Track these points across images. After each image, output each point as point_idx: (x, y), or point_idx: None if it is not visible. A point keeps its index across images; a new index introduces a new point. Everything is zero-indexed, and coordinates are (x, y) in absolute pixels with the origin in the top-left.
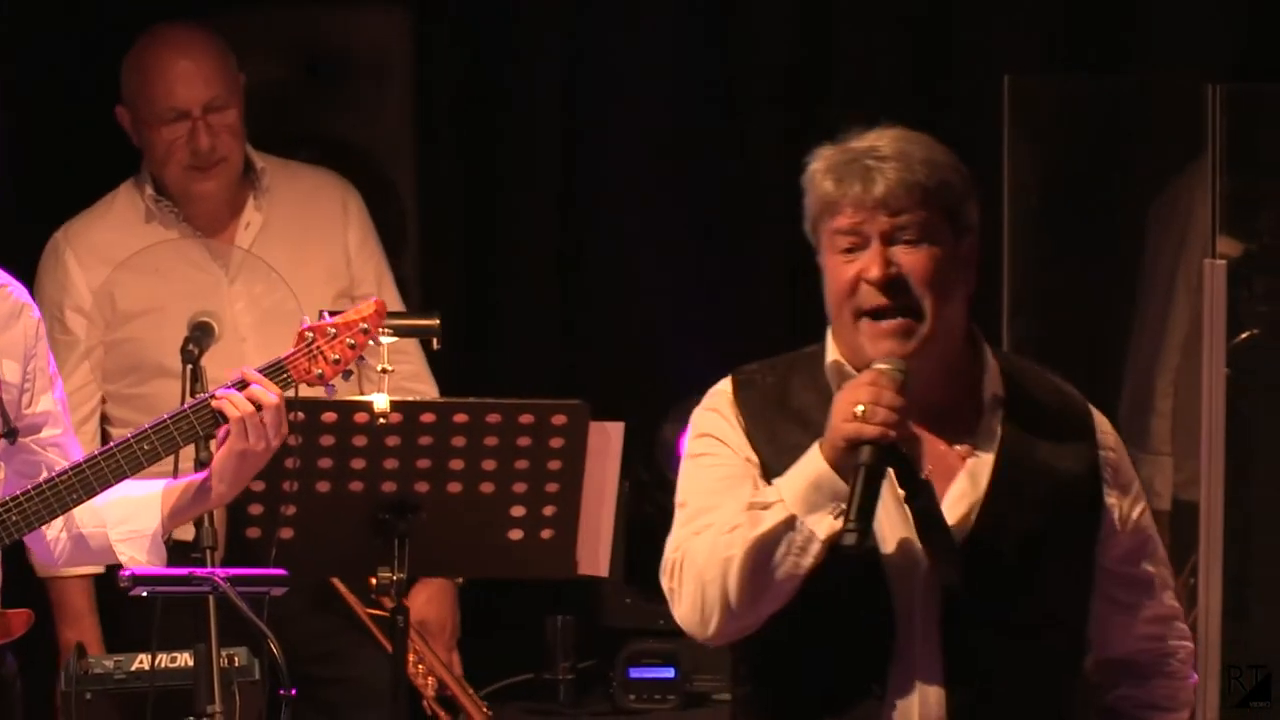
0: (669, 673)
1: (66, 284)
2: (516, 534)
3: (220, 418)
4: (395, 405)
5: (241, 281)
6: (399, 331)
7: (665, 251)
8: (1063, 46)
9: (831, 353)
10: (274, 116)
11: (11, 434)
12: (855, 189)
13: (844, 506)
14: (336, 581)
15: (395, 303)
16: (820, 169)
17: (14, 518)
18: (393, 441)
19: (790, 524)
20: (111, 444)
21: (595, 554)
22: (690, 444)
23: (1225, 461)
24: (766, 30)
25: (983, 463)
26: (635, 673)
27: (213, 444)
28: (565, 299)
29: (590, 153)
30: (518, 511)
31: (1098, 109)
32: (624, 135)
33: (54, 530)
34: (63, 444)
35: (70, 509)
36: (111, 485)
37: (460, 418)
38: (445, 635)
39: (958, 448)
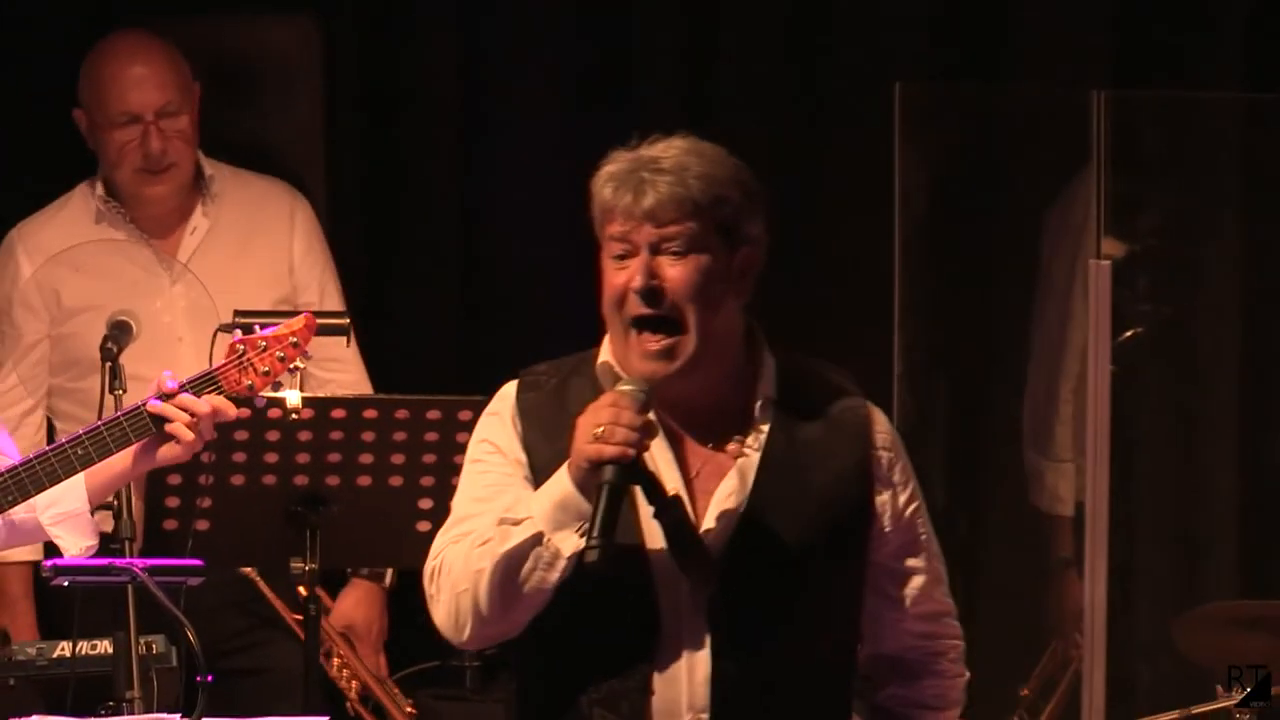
0: None
1: (16, 279)
2: (424, 525)
3: (155, 426)
4: (307, 401)
5: (184, 284)
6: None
7: (561, 250)
8: (949, 54)
9: (604, 354)
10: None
11: None
12: (626, 199)
13: (587, 524)
14: (262, 585)
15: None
16: (604, 175)
17: None
18: (305, 436)
19: (538, 540)
20: (46, 448)
21: None
22: (471, 446)
23: (1110, 455)
24: (657, 30)
25: (752, 462)
26: None
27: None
28: (465, 294)
29: (487, 152)
30: (425, 504)
31: (985, 116)
32: (519, 133)
33: None
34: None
35: (4, 510)
36: (46, 489)
37: (369, 413)
38: (372, 637)
39: (730, 446)
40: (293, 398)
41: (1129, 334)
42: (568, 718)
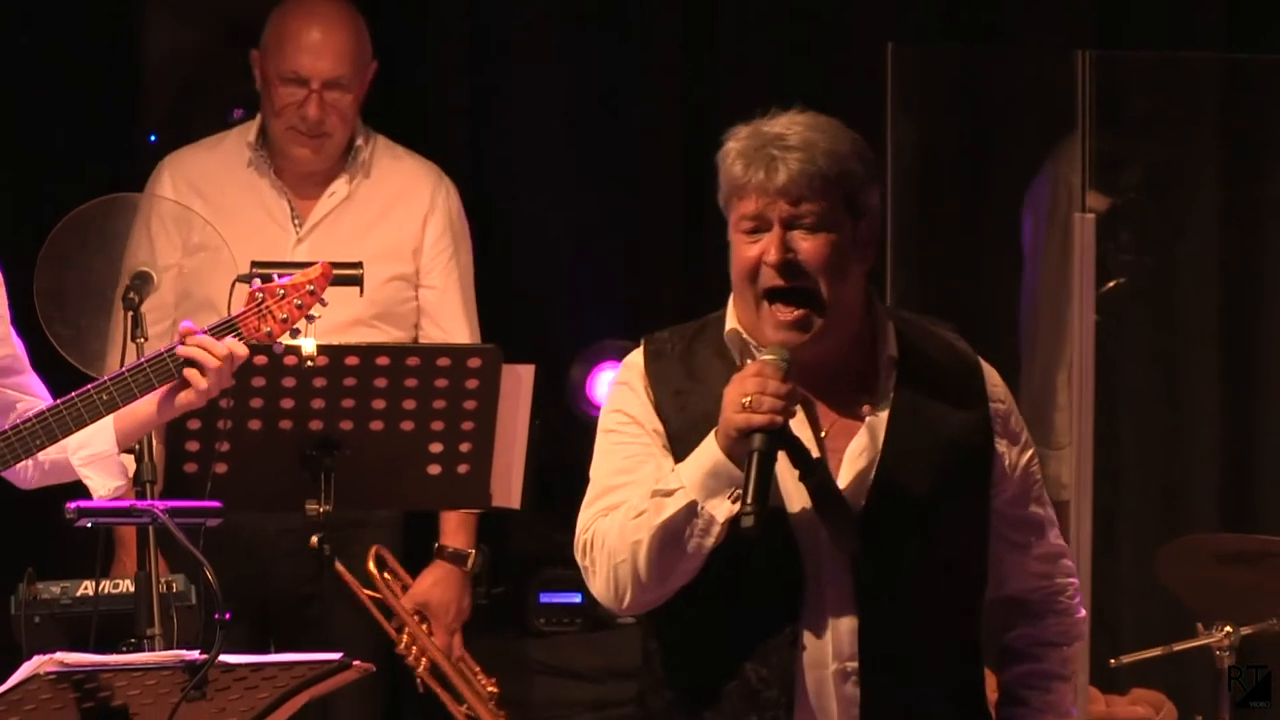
0: (576, 598)
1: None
2: (435, 469)
3: (177, 369)
4: (321, 349)
5: (308, 244)
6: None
7: (570, 208)
8: (938, 18)
9: (730, 321)
10: (206, 82)
11: None
12: (759, 176)
13: (740, 491)
14: (340, 567)
15: (457, 310)
16: (731, 152)
17: None
18: (319, 383)
19: (692, 510)
20: (72, 394)
21: (508, 487)
22: (603, 417)
23: (1095, 401)
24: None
25: (880, 420)
26: (545, 598)
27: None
28: (481, 251)
29: (495, 113)
30: (436, 448)
31: (973, 77)
32: (527, 94)
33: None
34: (25, 384)
35: (34, 453)
36: (72, 432)
37: (382, 360)
38: (448, 618)
39: (859, 408)
40: (308, 345)
41: (1112, 284)
42: (717, 674)
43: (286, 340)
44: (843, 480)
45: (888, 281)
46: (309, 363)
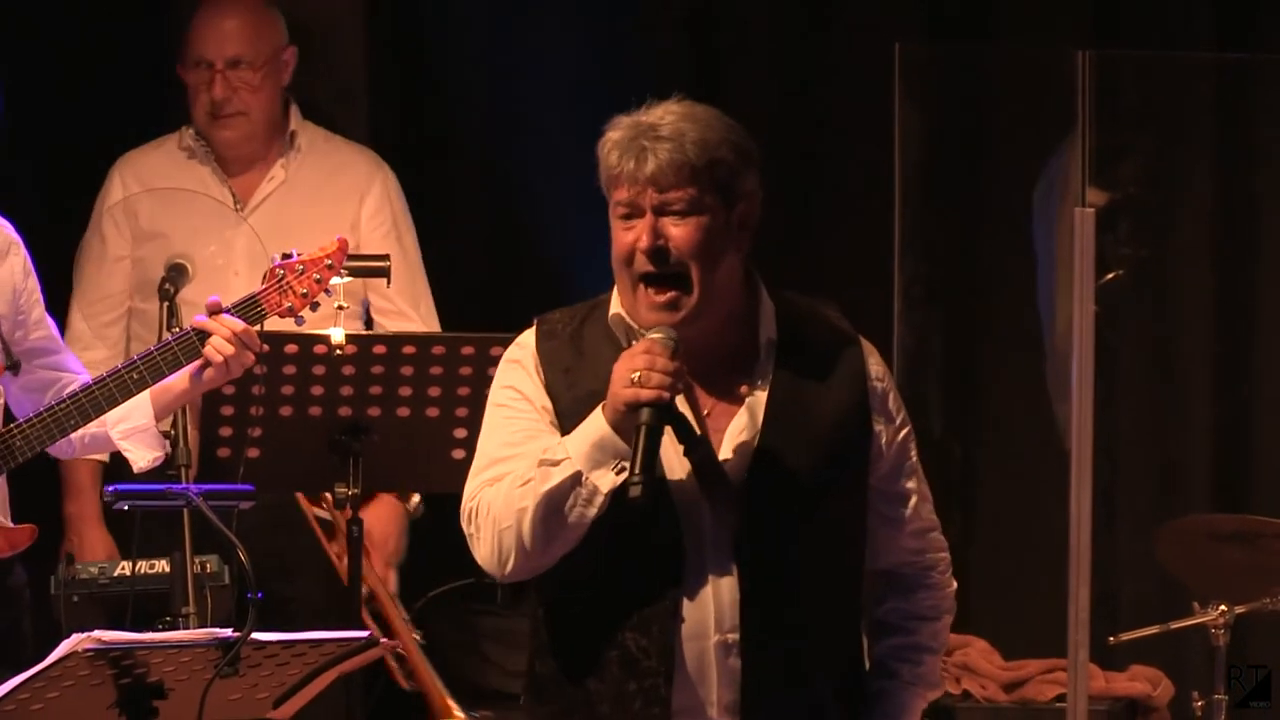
0: None
1: (107, 200)
2: (459, 453)
3: (200, 348)
4: (350, 338)
5: (248, 226)
6: (354, 271)
7: (587, 204)
8: (944, 19)
9: (615, 306)
10: None
11: (15, 365)
12: (630, 165)
13: (625, 463)
14: (306, 507)
15: (399, 281)
16: (609, 141)
17: (19, 442)
18: (348, 371)
19: (576, 479)
20: (105, 374)
21: None
22: (494, 392)
23: (1094, 388)
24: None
25: (759, 399)
26: None
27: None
28: (503, 243)
29: (516, 105)
30: (460, 433)
31: (978, 74)
32: (546, 90)
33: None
34: (62, 362)
35: (69, 433)
36: (105, 411)
37: (408, 349)
38: (386, 551)
39: (739, 388)
40: (337, 334)
41: (1111, 275)
42: (599, 642)
43: (314, 330)
44: (723, 457)
45: (895, 268)
46: (338, 351)
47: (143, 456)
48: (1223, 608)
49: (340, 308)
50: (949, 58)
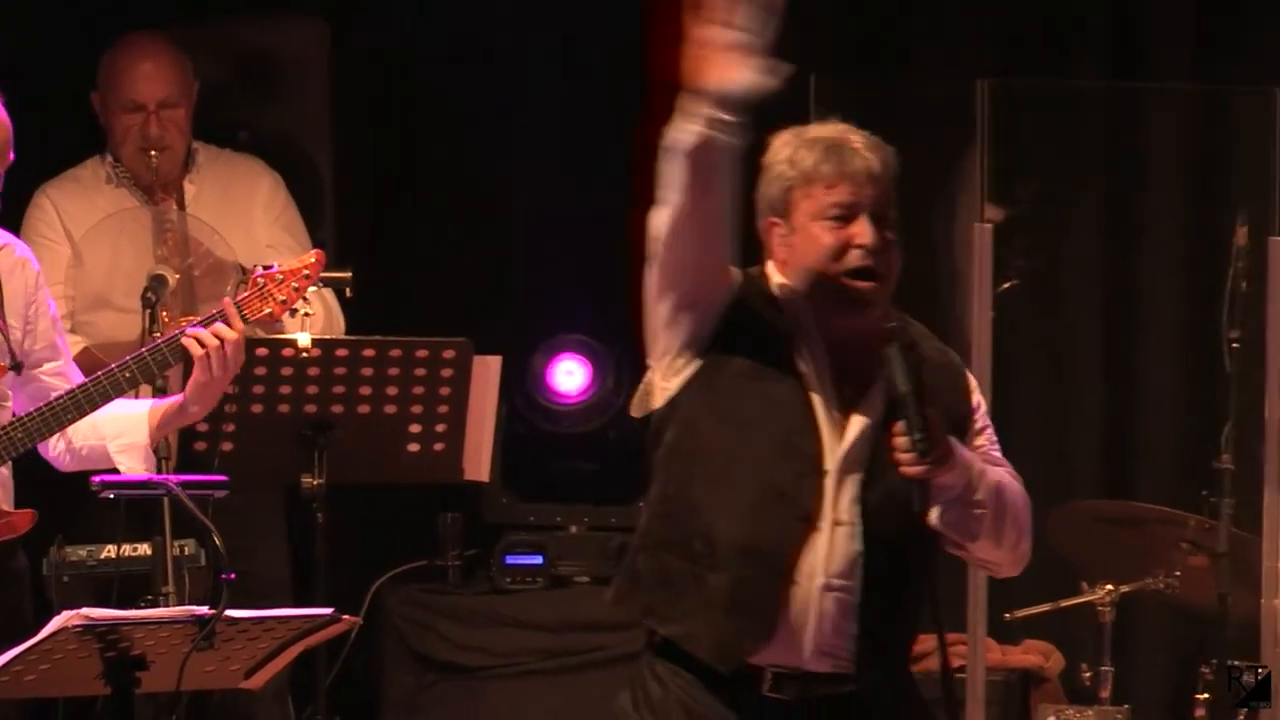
0: (538, 560)
1: (45, 219)
2: (414, 447)
3: (185, 350)
4: (316, 342)
5: (169, 240)
6: (323, 283)
7: (536, 220)
8: (855, 51)
9: (778, 279)
10: (215, 108)
11: (17, 366)
12: (842, 167)
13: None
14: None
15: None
16: (800, 148)
17: (19, 434)
18: (313, 372)
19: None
20: (99, 373)
21: (478, 463)
22: None
23: (991, 386)
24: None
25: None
26: (510, 559)
27: (168, 374)
28: (455, 257)
29: (475, 136)
30: (415, 428)
31: (887, 103)
32: (501, 114)
33: (56, 448)
34: (64, 372)
35: (66, 426)
36: (99, 406)
37: (368, 352)
38: None
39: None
40: (303, 339)
41: (1007, 284)
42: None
43: (283, 335)
44: (858, 422)
45: None
46: (304, 354)
47: (132, 470)
48: (1109, 587)
49: (306, 315)
50: (860, 87)
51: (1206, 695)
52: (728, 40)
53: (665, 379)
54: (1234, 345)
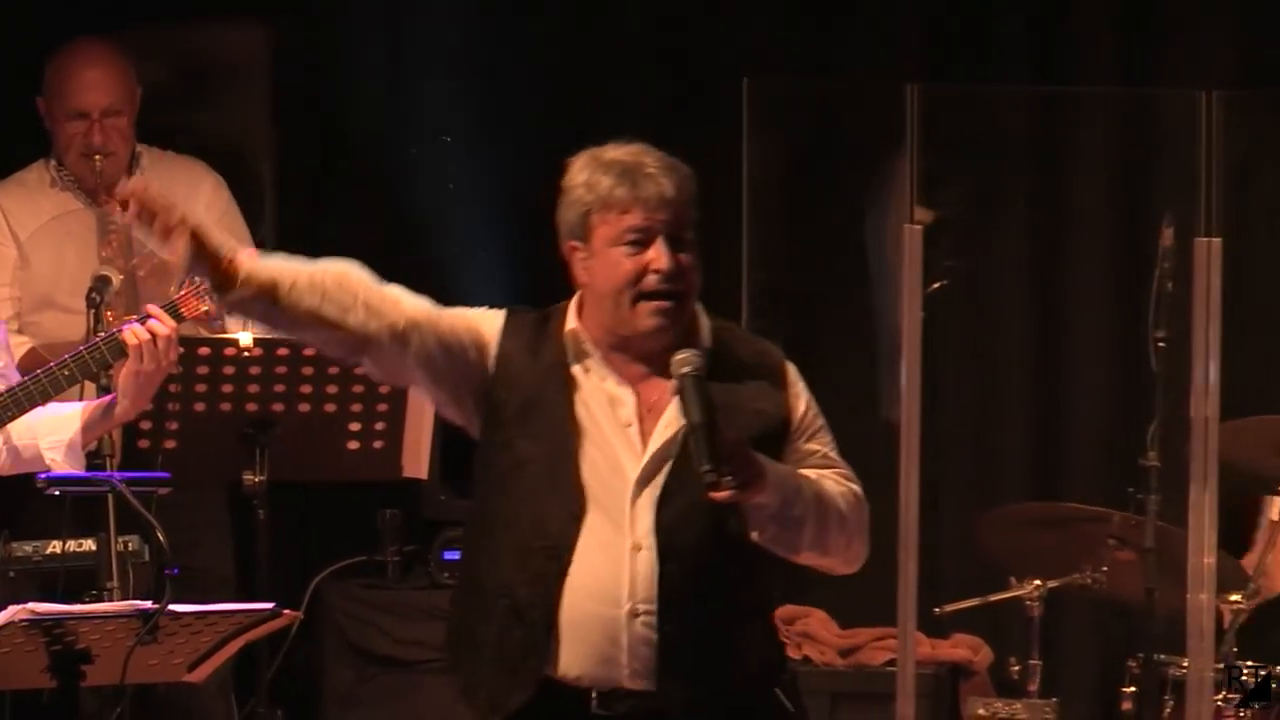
0: None
1: None
2: (354, 444)
3: (124, 348)
4: (258, 341)
5: (111, 238)
6: None
7: (470, 218)
8: (788, 54)
9: (571, 321)
10: (158, 112)
11: None
12: (637, 192)
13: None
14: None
15: None
16: (595, 171)
17: None
18: (255, 371)
19: None
20: (38, 370)
21: (417, 460)
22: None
23: (920, 386)
24: (538, 37)
25: None
26: (448, 555)
27: (113, 372)
28: (393, 257)
29: (412, 136)
30: (355, 426)
31: (818, 106)
32: (438, 118)
33: None
34: (6, 375)
35: (5, 424)
36: (39, 404)
37: (309, 351)
38: None
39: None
40: (245, 338)
41: (936, 285)
42: (491, 593)
43: (226, 334)
44: (657, 444)
45: (743, 286)
46: (246, 353)
47: (63, 467)
48: (1037, 582)
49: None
50: (793, 90)
51: (1133, 688)
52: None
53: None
54: (1160, 345)
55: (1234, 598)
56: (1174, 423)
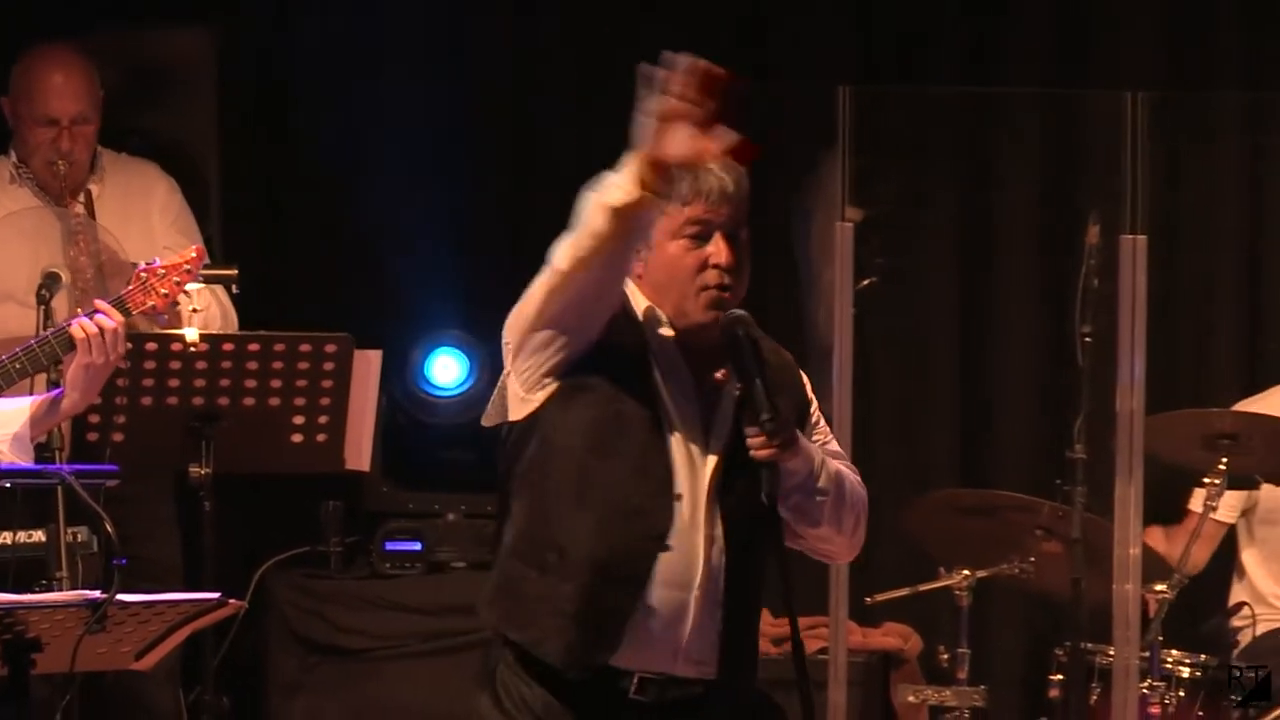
0: (416, 546)
1: None
2: (298, 437)
3: (73, 341)
4: (203, 337)
5: (73, 237)
6: (206, 279)
7: (412, 219)
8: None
9: (641, 300)
10: (106, 114)
11: None
12: (709, 185)
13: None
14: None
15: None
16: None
17: None
18: (201, 366)
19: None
20: None
21: (359, 453)
22: None
23: (853, 379)
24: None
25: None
26: (390, 545)
27: (63, 367)
28: (337, 256)
29: (356, 138)
30: (298, 420)
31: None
32: (382, 116)
33: None
34: None
35: None
36: None
37: (253, 347)
38: None
39: (717, 380)
40: (191, 334)
41: (867, 281)
42: (582, 557)
43: (172, 330)
44: (720, 433)
45: None
46: (192, 348)
47: (12, 460)
48: (966, 572)
49: (194, 310)
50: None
51: (1060, 676)
52: (676, 112)
53: (529, 392)
54: (1086, 340)
55: (1159, 588)
56: (1100, 416)
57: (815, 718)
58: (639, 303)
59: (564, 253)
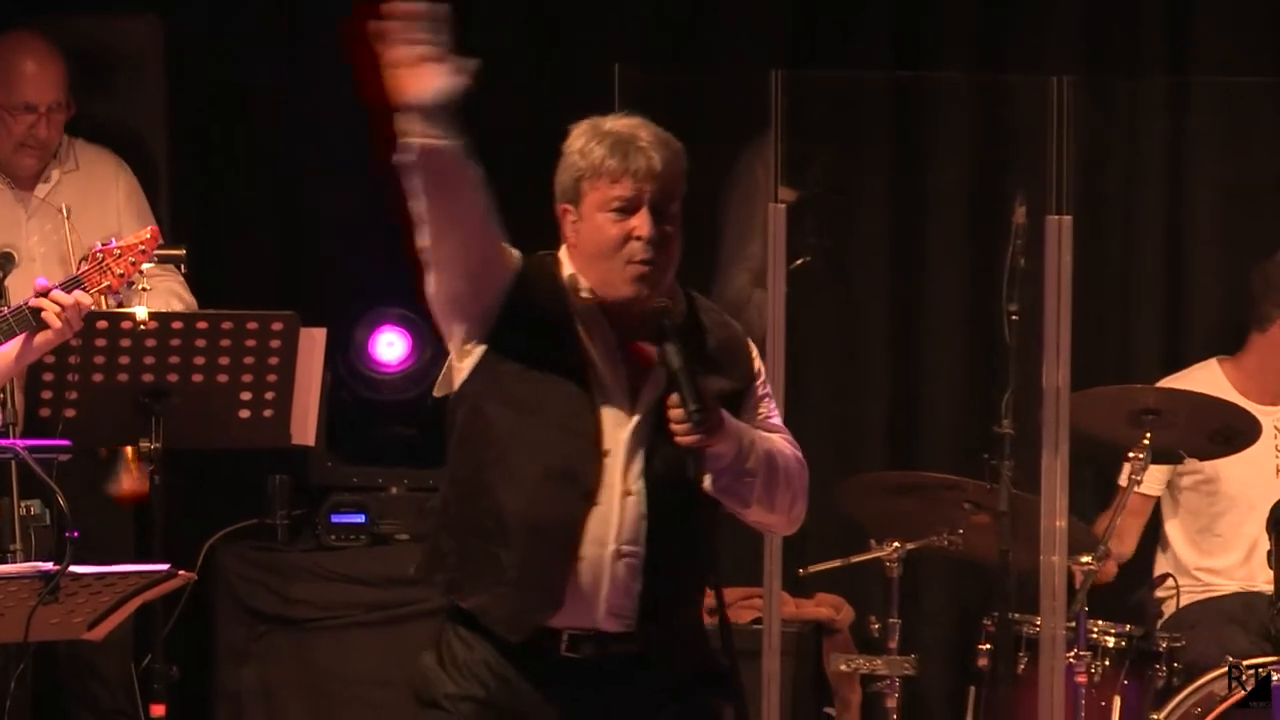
0: (360, 518)
1: None
2: (245, 413)
3: (34, 319)
4: (152, 315)
5: (36, 220)
6: (158, 259)
7: (357, 199)
8: (658, 42)
9: (568, 267)
10: None
11: None
12: (626, 163)
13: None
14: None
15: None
16: (590, 139)
17: None
18: (150, 343)
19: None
20: None
21: (304, 428)
22: None
23: (785, 358)
24: None
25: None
26: (335, 518)
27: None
28: (283, 236)
29: (299, 121)
30: (246, 396)
31: (689, 92)
32: (323, 99)
33: None
34: None
35: None
36: None
37: (202, 325)
38: None
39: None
40: (141, 312)
41: (800, 261)
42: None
43: (123, 309)
44: (648, 394)
45: None
46: (142, 326)
47: None
48: (896, 544)
49: (144, 289)
50: (662, 77)
51: (989, 645)
52: (412, 55)
53: (459, 360)
54: (1013, 318)
55: (1084, 559)
56: (1027, 392)
57: (743, 686)
58: (565, 270)
59: (418, 231)
